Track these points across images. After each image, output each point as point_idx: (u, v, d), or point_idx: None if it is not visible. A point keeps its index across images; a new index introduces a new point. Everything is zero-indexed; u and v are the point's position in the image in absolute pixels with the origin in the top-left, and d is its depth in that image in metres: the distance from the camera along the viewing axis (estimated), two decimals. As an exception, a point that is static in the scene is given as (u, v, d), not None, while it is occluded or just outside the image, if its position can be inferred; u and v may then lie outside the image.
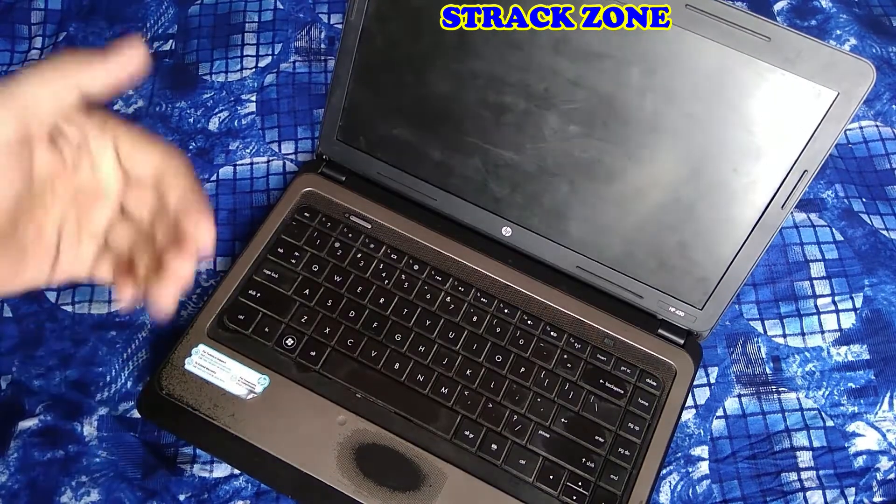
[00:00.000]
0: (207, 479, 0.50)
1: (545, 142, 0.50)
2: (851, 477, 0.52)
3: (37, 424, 0.52)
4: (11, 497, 0.49)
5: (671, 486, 0.51)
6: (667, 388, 0.51)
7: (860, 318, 0.57)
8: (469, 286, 0.54)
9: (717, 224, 0.48)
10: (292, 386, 0.49)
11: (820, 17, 0.71)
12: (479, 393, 0.50)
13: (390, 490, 0.46)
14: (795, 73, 0.43)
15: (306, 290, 0.53)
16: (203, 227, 0.30)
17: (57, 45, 0.68)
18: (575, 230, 0.52)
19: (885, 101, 0.67)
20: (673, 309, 0.52)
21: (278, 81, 0.67)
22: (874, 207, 0.62)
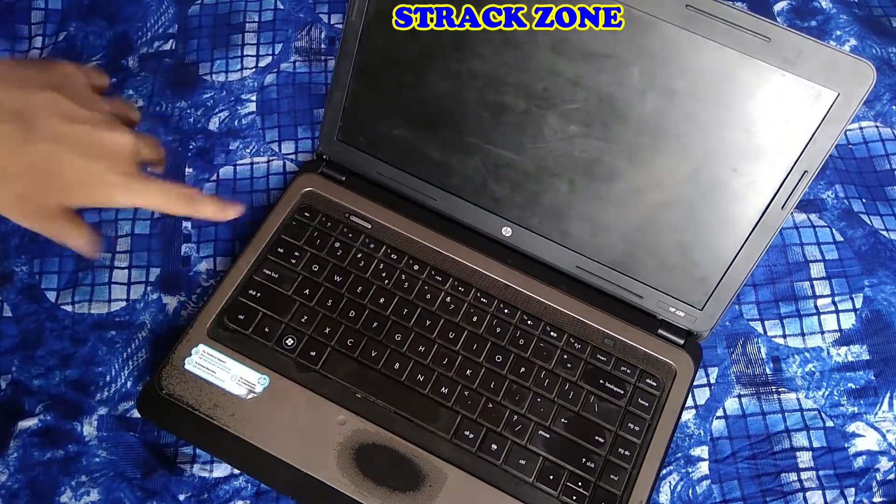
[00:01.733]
0: (207, 479, 0.50)
1: (545, 142, 0.50)
2: (851, 477, 0.52)
3: (36, 424, 0.52)
4: (11, 497, 0.49)
5: (671, 486, 0.51)
6: (667, 389, 0.51)
7: (860, 319, 0.57)
8: (469, 286, 0.54)
9: (717, 224, 0.48)
10: (292, 386, 0.49)
11: (820, 17, 0.71)
12: (479, 393, 0.50)
13: (390, 490, 0.46)
14: (795, 73, 0.43)
15: (306, 290, 0.53)
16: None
17: (57, 45, 0.68)
18: (575, 230, 0.52)
19: (885, 102, 0.67)
20: (673, 309, 0.52)
21: (278, 81, 0.67)
22: (874, 208, 0.62)
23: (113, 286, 0.57)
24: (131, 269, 0.58)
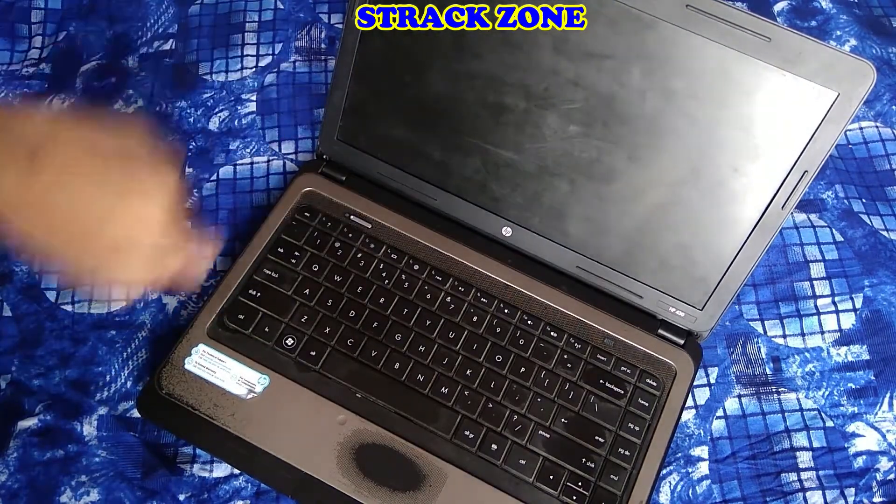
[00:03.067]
0: (207, 478, 0.50)
1: (545, 142, 0.50)
2: (851, 477, 0.52)
3: (36, 424, 0.52)
4: (11, 497, 0.49)
5: (671, 486, 0.51)
6: (667, 389, 0.51)
7: (860, 319, 0.57)
8: (469, 286, 0.54)
9: (717, 224, 0.48)
10: (292, 386, 0.49)
11: (820, 17, 0.71)
12: (479, 393, 0.50)
13: (390, 490, 0.46)
14: (795, 73, 0.43)
15: (306, 290, 0.53)
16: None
17: (57, 45, 0.68)
18: (575, 230, 0.52)
19: (885, 102, 0.67)
20: (673, 309, 0.52)
21: (278, 81, 0.67)
22: (874, 208, 0.62)
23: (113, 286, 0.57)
24: (131, 268, 0.58)
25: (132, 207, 0.37)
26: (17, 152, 0.35)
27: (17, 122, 0.36)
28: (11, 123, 0.36)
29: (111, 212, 0.36)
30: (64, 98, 0.65)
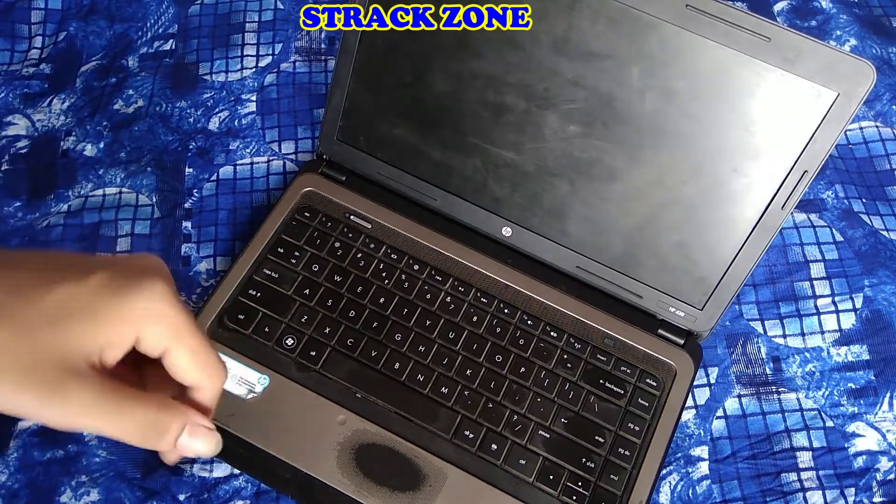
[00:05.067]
0: (207, 479, 0.50)
1: (545, 142, 0.50)
2: (851, 477, 0.52)
3: (36, 424, 0.52)
4: (11, 497, 0.49)
5: (671, 486, 0.51)
6: (667, 389, 0.51)
7: (860, 319, 0.57)
8: (469, 286, 0.54)
9: (717, 224, 0.48)
10: (292, 386, 0.49)
11: (820, 17, 0.71)
12: (479, 393, 0.50)
13: (390, 490, 0.46)
14: (795, 73, 0.43)
15: (306, 290, 0.53)
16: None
17: (57, 45, 0.68)
18: (575, 230, 0.52)
19: (885, 102, 0.67)
20: (673, 309, 0.52)
21: (278, 81, 0.67)
22: (874, 208, 0.62)
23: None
24: (131, 269, 0.58)
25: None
26: None
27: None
28: None
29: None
30: (64, 98, 0.66)
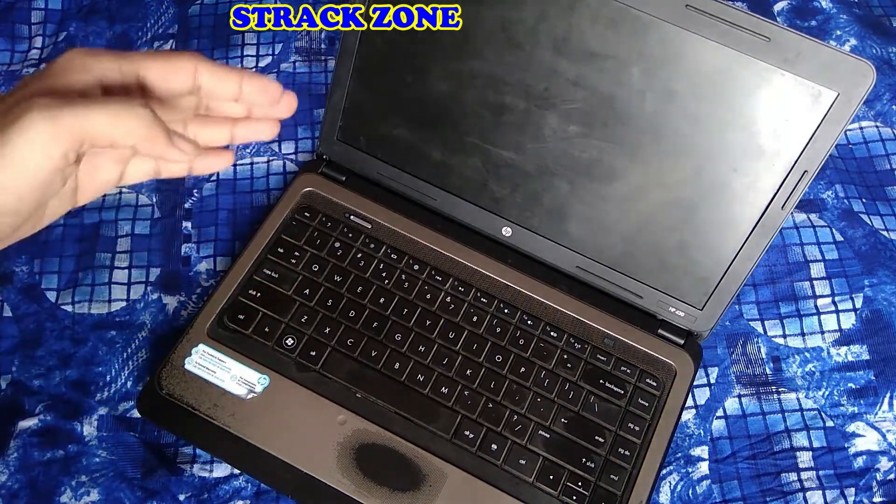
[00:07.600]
0: (207, 479, 0.50)
1: (545, 142, 0.50)
2: (851, 477, 0.52)
3: (37, 424, 0.52)
4: (11, 497, 0.49)
5: (671, 486, 0.51)
6: (667, 389, 0.51)
7: (860, 319, 0.57)
8: (469, 286, 0.54)
9: (717, 224, 0.48)
10: (292, 386, 0.49)
11: (820, 17, 0.71)
12: (479, 393, 0.50)
13: (390, 490, 0.46)
14: (795, 73, 0.43)
15: (306, 290, 0.53)
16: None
17: (57, 45, 0.68)
18: (575, 230, 0.52)
19: (885, 102, 0.67)
20: (673, 309, 0.52)
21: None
22: (874, 208, 0.62)
23: (113, 286, 0.57)
24: (131, 269, 0.58)
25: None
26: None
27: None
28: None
29: None
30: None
